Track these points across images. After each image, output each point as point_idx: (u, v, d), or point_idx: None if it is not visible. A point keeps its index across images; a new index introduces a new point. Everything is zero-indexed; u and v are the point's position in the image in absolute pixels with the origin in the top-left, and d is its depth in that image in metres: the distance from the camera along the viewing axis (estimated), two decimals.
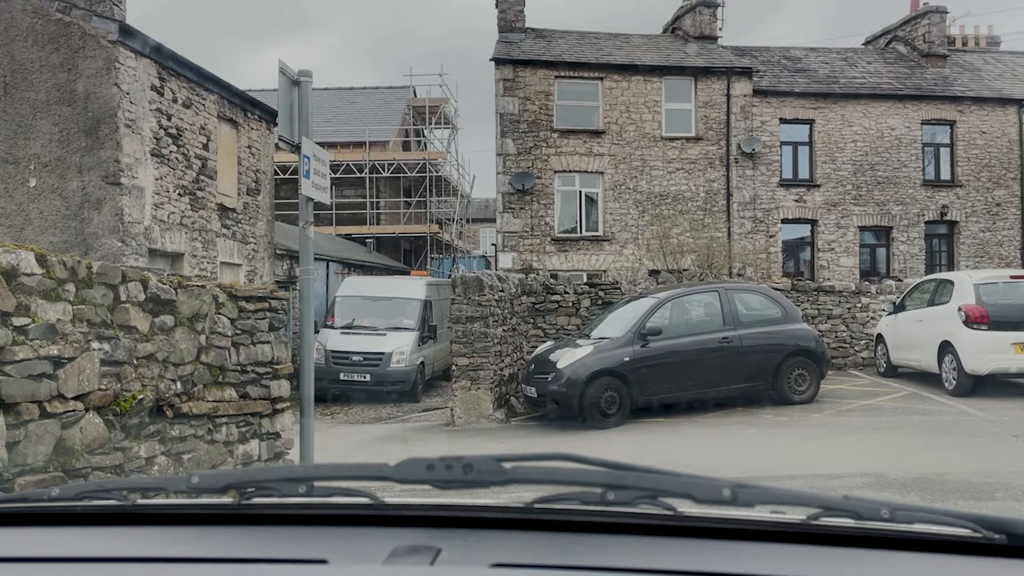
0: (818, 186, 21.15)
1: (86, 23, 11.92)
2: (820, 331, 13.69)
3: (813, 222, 21.30)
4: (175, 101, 13.56)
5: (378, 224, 27.92)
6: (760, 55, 23.28)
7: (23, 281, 3.64)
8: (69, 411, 3.89)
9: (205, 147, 14.55)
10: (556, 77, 20.34)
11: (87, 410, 4.04)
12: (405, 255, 30.78)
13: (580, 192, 20.51)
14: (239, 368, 5.75)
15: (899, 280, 18.38)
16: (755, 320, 11.22)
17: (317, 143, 6.07)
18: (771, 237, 21.00)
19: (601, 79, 20.49)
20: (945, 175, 21.93)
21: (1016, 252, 21.77)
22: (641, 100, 20.51)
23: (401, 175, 28.38)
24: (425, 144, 31.68)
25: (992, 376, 11.06)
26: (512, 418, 11.45)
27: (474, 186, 34.50)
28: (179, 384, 4.98)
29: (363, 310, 15.79)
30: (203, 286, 5.35)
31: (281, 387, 6.24)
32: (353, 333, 15.25)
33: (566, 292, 13.85)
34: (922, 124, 21.58)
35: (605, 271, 19.44)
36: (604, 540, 1.12)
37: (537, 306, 13.61)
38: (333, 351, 14.77)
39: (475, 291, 11.04)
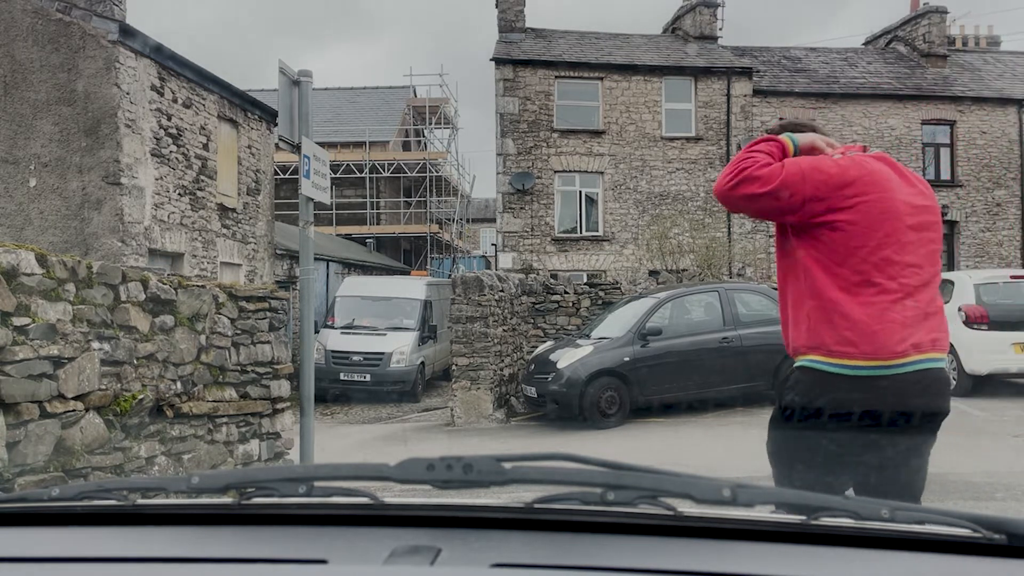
0: None
1: (86, 23, 11.92)
2: None
3: None
4: (175, 101, 13.56)
5: (378, 224, 27.93)
6: (760, 55, 23.29)
7: (23, 281, 3.64)
8: (69, 411, 3.89)
9: (205, 147, 14.55)
10: (556, 77, 20.34)
11: (87, 410, 4.05)
12: (405, 255, 30.79)
13: (580, 192, 20.51)
14: (239, 368, 5.76)
15: None
16: (755, 320, 11.21)
17: (317, 143, 6.07)
18: (771, 237, 20.99)
19: (601, 79, 20.50)
20: (945, 175, 21.93)
21: (1016, 252, 21.78)
22: (641, 100, 20.51)
23: (401, 175, 28.39)
24: (425, 144, 31.68)
25: (992, 376, 11.07)
26: (512, 418, 11.45)
27: (474, 186, 34.53)
28: (179, 384, 4.98)
29: (363, 310, 15.80)
30: (203, 286, 5.35)
31: (281, 387, 6.24)
32: (353, 333, 15.25)
33: (566, 292, 13.85)
34: (922, 124, 21.59)
35: (605, 271, 19.44)
36: (604, 540, 1.12)
37: (537, 306, 13.61)
38: (333, 351, 14.77)
39: (475, 291, 11.04)
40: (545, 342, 12.82)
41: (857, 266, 2.48)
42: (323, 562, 1.06)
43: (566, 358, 10.42)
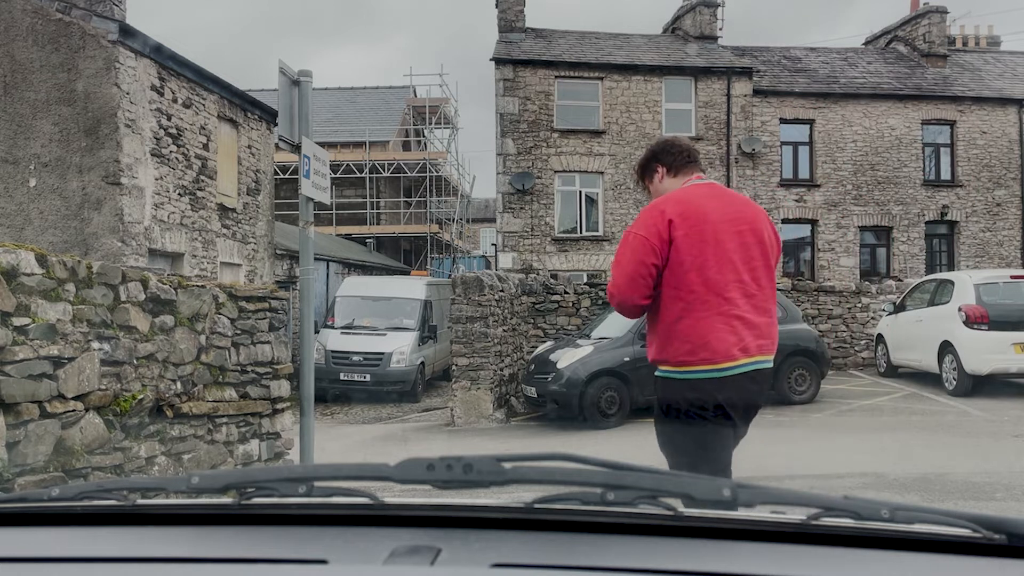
0: (818, 186, 21.15)
1: (86, 23, 11.92)
2: (820, 331, 13.69)
3: (813, 222, 21.31)
4: (175, 101, 13.56)
5: (378, 224, 27.93)
6: (760, 55, 23.29)
7: (23, 281, 3.65)
8: (69, 411, 3.89)
9: (205, 147, 14.55)
10: (556, 77, 20.34)
11: (87, 410, 4.05)
12: (405, 255, 30.79)
13: (580, 192, 20.51)
14: (239, 368, 5.76)
15: (899, 280, 18.38)
16: None
17: (317, 143, 6.07)
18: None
19: (601, 79, 20.50)
20: (945, 175, 21.94)
21: (1016, 252, 21.78)
22: (641, 100, 20.51)
23: (401, 175, 28.38)
24: (425, 144, 31.68)
25: (992, 376, 11.06)
26: (512, 418, 11.45)
27: (474, 186, 34.53)
28: (179, 384, 4.98)
29: (363, 310, 15.80)
30: (203, 286, 5.35)
31: (281, 387, 6.24)
32: (353, 333, 15.25)
33: (566, 292, 13.84)
34: (922, 124, 21.58)
35: (605, 271, 19.43)
36: (604, 540, 1.12)
37: (537, 306, 13.61)
38: (333, 351, 14.77)
39: (475, 291, 11.04)
40: (545, 342, 12.82)
41: (689, 288, 3.02)
42: (323, 562, 1.06)
43: (566, 358, 10.42)
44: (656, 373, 3.17)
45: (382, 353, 14.68)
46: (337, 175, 25.33)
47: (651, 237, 3.03)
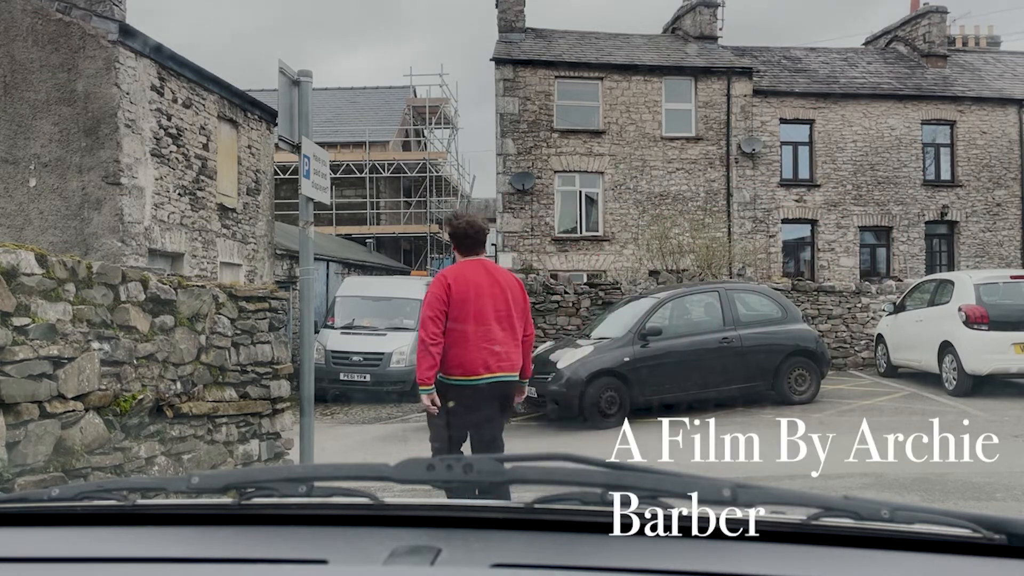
0: (818, 186, 21.15)
1: (86, 23, 11.92)
2: (820, 331, 13.69)
3: (813, 222, 21.31)
4: (175, 101, 13.56)
5: (378, 224, 27.92)
6: (760, 55, 23.29)
7: (23, 281, 3.64)
8: (69, 411, 3.89)
9: (205, 147, 14.55)
10: (556, 77, 20.34)
11: (87, 410, 4.05)
12: (405, 255, 30.78)
13: (580, 192, 20.51)
14: (239, 368, 5.75)
15: (899, 280, 18.38)
16: (755, 320, 11.21)
17: (317, 143, 6.07)
18: (771, 237, 20.99)
19: (601, 79, 20.50)
20: (945, 175, 21.94)
21: (1016, 252, 21.78)
22: (641, 100, 20.51)
23: (401, 175, 28.38)
24: (425, 144, 31.68)
25: (992, 376, 11.06)
26: (512, 418, 11.44)
27: (474, 186, 34.53)
28: (179, 384, 4.98)
29: (363, 310, 15.78)
30: (203, 286, 5.35)
31: (281, 387, 6.24)
32: (353, 333, 15.24)
33: (566, 292, 13.85)
34: (922, 124, 21.58)
35: (605, 271, 19.43)
36: (604, 540, 1.12)
37: (537, 306, 13.61)
38: (333, 351, 14.76)
39: None
40: (545, 342, 12.82)
41: (454, 326, 4.78)
42: (323, 562, 1.06)
43: (566, 358, 10.41)
44: (437, 378, 4.88)
45: (382, 353, 14.67)
46: (337, 175, 25.33)
47: (440, 293, 4.81)
